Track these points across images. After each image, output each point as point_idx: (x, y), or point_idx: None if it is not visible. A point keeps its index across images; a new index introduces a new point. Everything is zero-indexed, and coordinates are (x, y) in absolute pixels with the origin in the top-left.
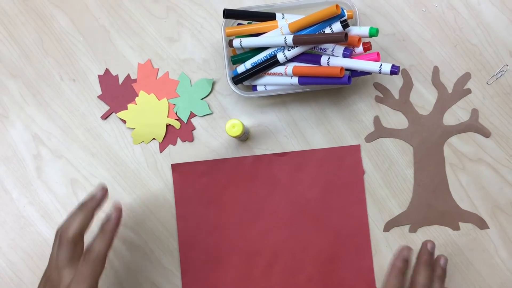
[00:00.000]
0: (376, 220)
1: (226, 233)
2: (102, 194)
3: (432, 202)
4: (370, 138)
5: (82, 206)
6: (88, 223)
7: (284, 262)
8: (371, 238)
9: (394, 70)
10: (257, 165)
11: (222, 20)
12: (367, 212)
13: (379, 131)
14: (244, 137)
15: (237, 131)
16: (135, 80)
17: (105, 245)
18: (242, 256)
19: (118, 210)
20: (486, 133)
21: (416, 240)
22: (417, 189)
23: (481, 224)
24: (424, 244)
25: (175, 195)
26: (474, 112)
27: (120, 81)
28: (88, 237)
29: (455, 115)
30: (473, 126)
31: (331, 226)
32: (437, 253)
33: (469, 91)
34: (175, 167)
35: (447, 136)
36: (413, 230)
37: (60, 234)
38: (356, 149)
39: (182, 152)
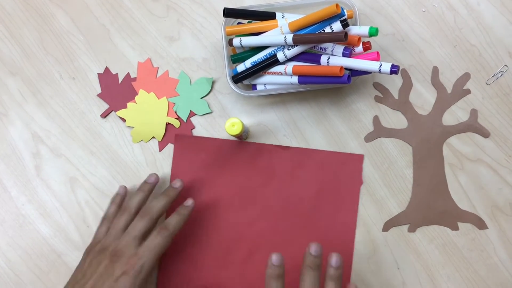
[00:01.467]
0: (375, 219)
1: (213, 214)
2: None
3: (431, 202)
4: (369, 137)
5: (164, 193)
6: (168, 207)
7: (263, 254)
8: (370, 237)
9: (394, 70)
10: (259, 153)
11: (222, 19)
12: (356, 222)
13: (379, 131)
14: (244, 136)
15: (237, 129)
16: (134, 79)
17: (179, 226)
18: (224, 239)
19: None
20: (485, 134)
21: (415, 239)
22: (416, 189)
23: (480, 224)
24: (307, 247)
25: (172, 167)
26: (473, 112)
27: (120, 79)
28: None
29: (454, 115)
30: (472, 126)
31: (317, 228)
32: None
33: (468, 92)
34: (178, 138)
35: (446, 136)
36: (412, 229)
37: (144, 209)
38: (359, 158)
39: None
